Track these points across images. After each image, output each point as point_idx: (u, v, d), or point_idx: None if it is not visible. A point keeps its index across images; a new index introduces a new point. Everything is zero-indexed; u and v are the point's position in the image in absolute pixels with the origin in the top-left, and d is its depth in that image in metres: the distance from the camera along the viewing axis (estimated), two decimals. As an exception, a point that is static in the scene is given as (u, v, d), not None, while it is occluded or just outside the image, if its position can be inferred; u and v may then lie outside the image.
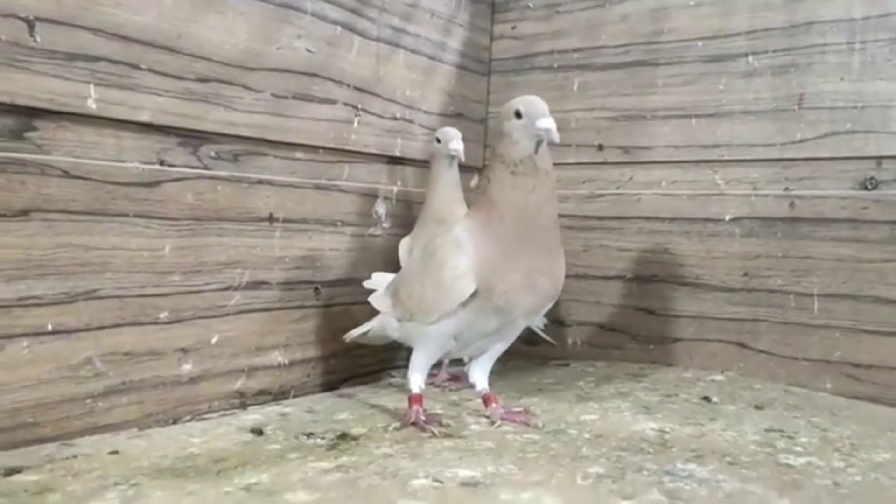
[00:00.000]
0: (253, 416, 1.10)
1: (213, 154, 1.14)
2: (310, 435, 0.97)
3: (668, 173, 1.51)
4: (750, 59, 1.42)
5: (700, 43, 1.47)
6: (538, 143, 0.97)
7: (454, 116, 1.61)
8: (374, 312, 1.46)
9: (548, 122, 0.96)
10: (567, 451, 0.93)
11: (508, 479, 0.81)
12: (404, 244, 1.38)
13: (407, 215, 1.51)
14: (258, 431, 0.99)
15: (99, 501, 0.71)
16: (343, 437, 0.96)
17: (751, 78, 1.42)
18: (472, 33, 1.65)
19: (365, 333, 1.21)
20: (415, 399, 1.05)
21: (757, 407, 1.18)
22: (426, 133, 1.54)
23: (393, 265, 1.47)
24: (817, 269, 1.35)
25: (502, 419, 1.05)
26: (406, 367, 1.48)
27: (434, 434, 0.98)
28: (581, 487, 0.80)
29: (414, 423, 1.01)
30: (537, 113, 0.96)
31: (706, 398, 1.22)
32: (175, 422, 1.08)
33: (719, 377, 1.39)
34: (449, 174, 1.34)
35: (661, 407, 1.17)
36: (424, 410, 1.04)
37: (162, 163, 1.07)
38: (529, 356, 1.61)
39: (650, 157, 1.52)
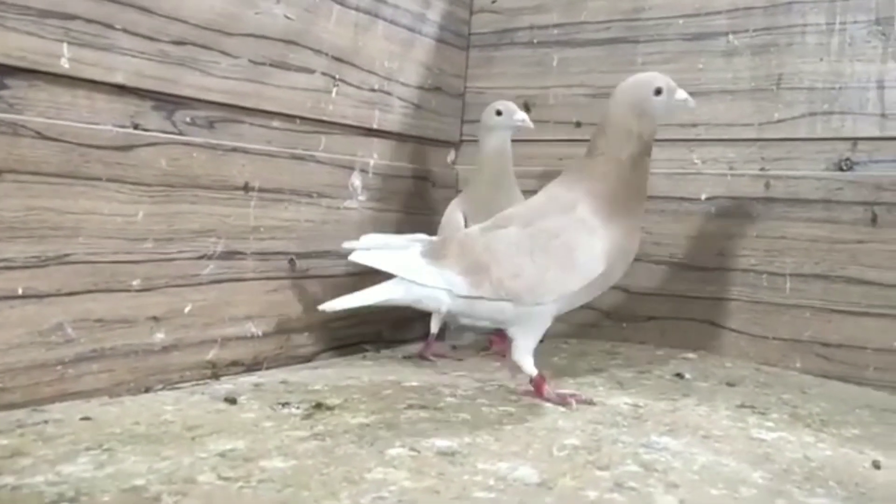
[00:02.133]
0: (226, 386, 1.09)
1: (188, 119, 1.12)
2: (284, 404, 0.96)
3: (646, 151, 1.50)
4: (730, 37, 1.42)
5: (681, 20, 1.47)
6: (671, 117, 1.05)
7: (432, 90, 1.60)
8: (351, 284, 1.45)
9: (685, 93, 1.03)
10: (543, 423, 0.93)
11: (485, 450, 0.81)
12: (456, 209, 1.37)
13: (384, 189, 1.49)
14: (232, 400, 0.98)
15: (71, 465, 0.69)
16: (318, 406, 0.95)
17: (730, 57, 1.42)
18: (452, 6, 1.63)
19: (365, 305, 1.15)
20: (541, 381, 1.04)
21: (729, 384, 1.20)
22: (403, 105, 1.52)
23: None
24: (790, 250, 1.36)
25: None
26: (380, 342, 1.50)
27: (588, 401, 1.01)
28: (557, 458, 0.80)
29: (559, 400, 1.02)
30: (674, 86, 1.02)
31: (679, 375, 1.24)
32: (147, 390, 1.06)
33: (691, 355, 1.40)
34: (508, 145, 1.35)
35: (634, 383, 1.17)
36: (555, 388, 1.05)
37: (136, 127, 1.05)
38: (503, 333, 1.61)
39: (628, 135, 1.52)
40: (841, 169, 1.33)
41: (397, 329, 1.55)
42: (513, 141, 1.37)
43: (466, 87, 1.70)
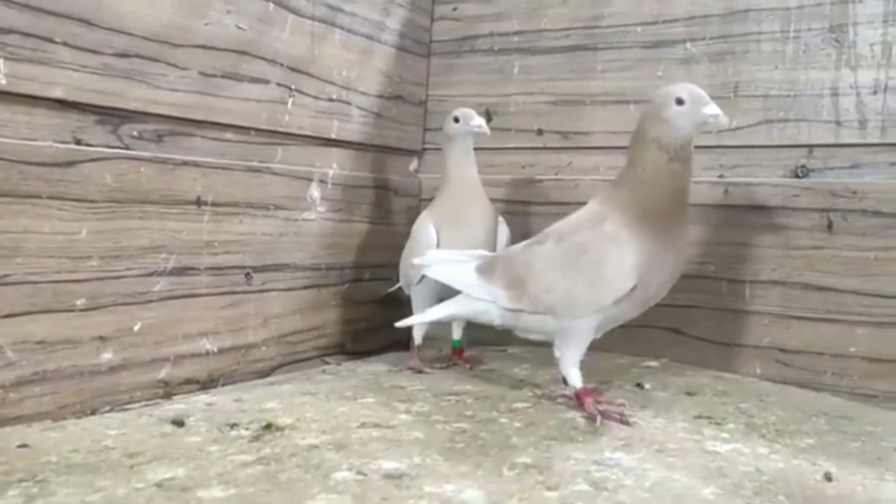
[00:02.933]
0: (177, 406, 1.06)
1: (135, 133, 1.09)
2: (233, 426, 0.94)
3: (607, 159, 1.50)
4: (688, 45, 1.42)
5: (639, 28, 1.46)
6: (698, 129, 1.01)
7: (393, 98, 1.58)
8: (310, 297, 1.43)
9: (715, 108, 1.00)
10: (496, 440, 0.92)
11: (434, 471, 0.80)
12: (426, 221, 1.33)
13: (344, 199, 1.47)
14: (179, 423, 0.95)
15: (0, 499, 0.67)
16: (268, 427, 0.93)
17: (688, 65, 1.42)
18: (413, 14, 1.62)
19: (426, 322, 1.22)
20: (584, 394, 1.04)
21: (688, 393, 1.19)
22: (363, 115, 1.50)
23: (329, 249, 1.44)
24: (749, 256, 1.36)
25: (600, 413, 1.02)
26: (343, 354, 1.48)
27: (624, 422, 0.99)
28: (507, 478, 0.79)
29: (600, 416, 1.00)
30: (703, 100, 1.00)
31: (639, 385, 1.23)
32: (93, 413, 1.03)
33: (654, 363, 1.40)
34: (471, 153, 1.33)
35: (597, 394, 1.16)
36: (598, 402, 1.04)
37: (78, 142, 1.02)
38: (470, 342, 1.60)
39: (589, 142, 1.52)
40: (797, 176, 1.33)
41: (360, 341, 1.53)
42: (475, 149, 1.35)
43: (428, 95, 1.69)
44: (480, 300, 1.12)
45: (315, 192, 1.41)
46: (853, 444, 0.99)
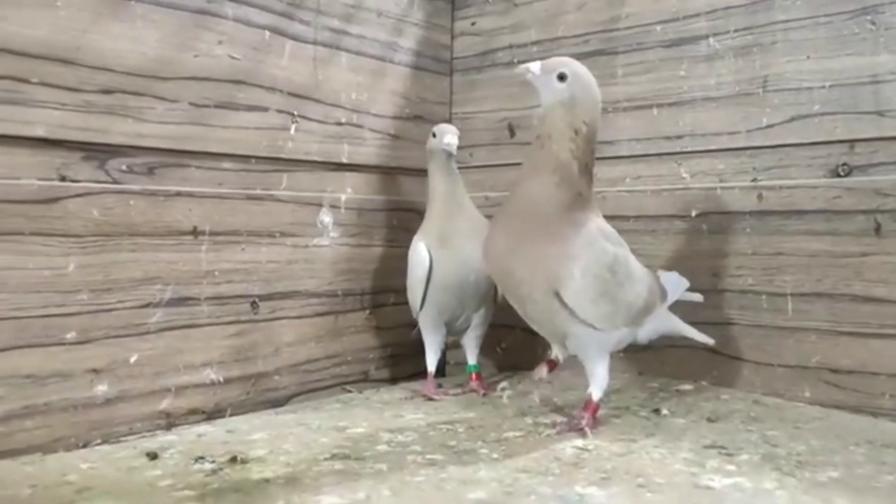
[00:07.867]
0: (169, 437, 1.06)
1: (123, 167, 1.11)
2: (200, 459, 0.92)
3: (633, 168, 1.41)
4: (711, 40, 1.31)
5: (659, 27, 1.37)
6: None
7: (412, 119, 1.55)
8: (325, 324, 1.42)
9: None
10: (463, 473, 0.85)
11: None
12: (419, 242, 1.30)
13: (360, 223, 1.45)
14: (153, 455, 0.94)
15: None
16: (233, 460, 0.91)
17: (712, 61, 1.31)
18: (430, 32, 1.59)
19: None
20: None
21: (710, 420, 1.08)
22: (378, 137, 1.48)
23: (345, 275, 1.41)
24: (790, 267, 1.23)
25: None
26: (366, 381, 1.45)
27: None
28: (450, 517, 0.72)
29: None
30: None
31: (656, 411, 1.13)
32: (85, 446, 1.04)
33: (688, 387, 1.28)
34: (453, 167, 1.29)
35: (602, 421, 1.07)
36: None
37: (63, 178, 1.04)
38: (501, 366, 1.54)
39: (613, 151, 1.43)
40: (838, 175, 1.19)
41: (385, 368, 1.50)
42: (500, 166, 1.29)
43: (452, 114, 1.64)
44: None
45: (326, 217, 1.39)
46: (887, 478, 0.85)
